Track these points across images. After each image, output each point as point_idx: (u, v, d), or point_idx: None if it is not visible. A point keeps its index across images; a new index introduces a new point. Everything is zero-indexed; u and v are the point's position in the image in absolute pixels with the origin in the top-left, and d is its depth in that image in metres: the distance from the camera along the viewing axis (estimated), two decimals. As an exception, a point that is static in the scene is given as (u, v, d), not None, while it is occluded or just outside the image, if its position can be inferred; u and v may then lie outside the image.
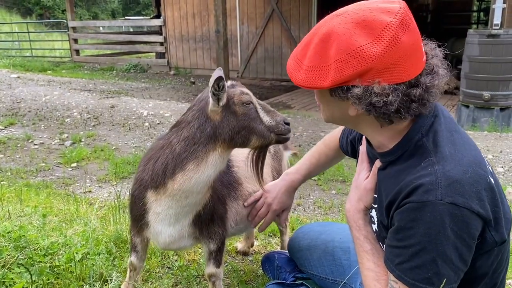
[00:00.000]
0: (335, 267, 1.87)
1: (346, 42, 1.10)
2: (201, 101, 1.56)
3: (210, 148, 1.53)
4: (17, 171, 4.60)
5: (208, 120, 1.53)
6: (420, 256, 1.14)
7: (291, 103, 8.93)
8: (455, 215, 1.10)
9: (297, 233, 2.15)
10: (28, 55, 16.14)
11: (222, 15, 8.27)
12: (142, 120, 6.75)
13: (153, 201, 1.62)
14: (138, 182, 1.67)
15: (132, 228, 1.80)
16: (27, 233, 2.24)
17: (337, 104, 1.23)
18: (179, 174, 1.53)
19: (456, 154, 1.17)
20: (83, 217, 2.93)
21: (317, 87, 1.16)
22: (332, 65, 1.12)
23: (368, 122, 1.25)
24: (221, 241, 1.81)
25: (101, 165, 4.87)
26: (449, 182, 1.11)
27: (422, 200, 1.12)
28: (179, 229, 1.68)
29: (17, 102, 7.60)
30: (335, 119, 1.32)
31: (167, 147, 1.57)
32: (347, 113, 1.23)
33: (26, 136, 5.82)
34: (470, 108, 6.70)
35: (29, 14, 27.81)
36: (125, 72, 13.07)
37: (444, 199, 1.10)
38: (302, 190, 4.28)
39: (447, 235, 1.11)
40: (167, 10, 12.87)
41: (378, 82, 1.11)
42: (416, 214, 1.13)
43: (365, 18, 1.10)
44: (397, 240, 1.19)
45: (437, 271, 1.13)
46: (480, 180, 1.15)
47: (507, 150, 5.32)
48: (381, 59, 1.08)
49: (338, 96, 1.17)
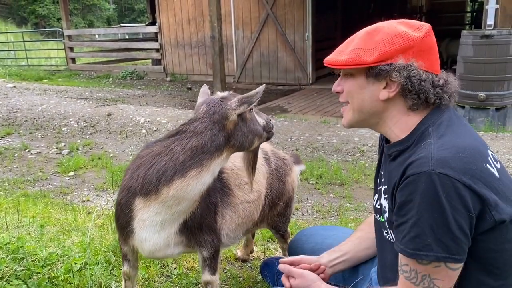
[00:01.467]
0: (341, 274, 1.86)
1: (392, 29, 1.33)
2: (213, 114, 1.59)
3: (216, 156, 1.58)
4: (15, 181, 4.59)
5: (222, 130, 1.59)
6: (418, 225, 1.19)
7: (288, 107, 8.94)
8: (447, 185, 1.16)
9: (300, 235, 2.14)
10: (24, 64, 16.13)
11: (217, 20, 8.30)
12: (139, 127, 6.75)
13: (140, 208, 1.59)
14: (125, 190, 1.63)
15: (120, 237, 1.78)
16: (25, 244, 2.24)
17: (370, 88, 1.35)
18: (178, 181, 1.52)
19: (455, 140, 1.26)
20: (81, 227, 2.93)
21: (362, 62, 1.31)
22: (377, 46, 1.31)
23: (396, 108, 1.37)
24: (214, 248, 1.78)
25: (98, 173, 4.86)
26: (441, 156, 1.20)
27: (417, 172, 1.20)
28: (164, 237, 1.65)
29: (14, 112, 7.59)
30: (364, 110, 1.40)
31: (166, 154, 1.55)
32: (378, 99, 1.35)
33: (23, 145, 5.81)
34: (465, 108, 6.73)
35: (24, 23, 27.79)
36: (122, 79, 13.08)
37: (436, 170, 1.17)
38: (300, 194, 4.28)
39: (442, 203, 1.16)
40: (162, 16, 12.89)
41: (416, 62, 1.31)
42: (413, 187, 1.21)
43: (404, 21, 1.38)
44: (399, 217, 1.26)
45: (436, 238, 1.18)
46: (476, 162, 1.21)
47: (504, 150, 5.34)
48: (421, 41, 1.31)
49: (378, 73, 1.31)
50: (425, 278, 1.22)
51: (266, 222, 2.20)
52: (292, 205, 2.30)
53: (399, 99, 1.34)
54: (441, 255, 1.18)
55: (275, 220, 2.21)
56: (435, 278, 1.22)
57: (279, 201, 2.16)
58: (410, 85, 1.30)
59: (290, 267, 1.66)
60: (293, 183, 2.23)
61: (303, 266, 1.69)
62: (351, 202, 4.11)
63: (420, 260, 1.22)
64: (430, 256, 1.19)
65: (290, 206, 2.27)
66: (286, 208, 2.23)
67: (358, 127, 1.53)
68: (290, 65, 11.30)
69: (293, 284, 1.61)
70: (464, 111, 6.74)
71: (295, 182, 2.25)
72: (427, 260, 1.20)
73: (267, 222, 2.19)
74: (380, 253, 1.54)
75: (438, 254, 1.18)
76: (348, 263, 1.74)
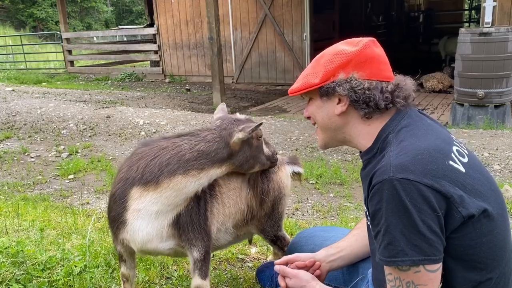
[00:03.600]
0: (340, 273, 1.86)
1: (333, 49, 1.45)
2: (224, 130, 1.76)
3: (217, 166, 1.72)
4: (14, 185, 4.58)
5: (227, 147, 1.73)
6: (389, 232, 1.21)
7: (287, 107, 8.94)
8: (410, 188, 1.19)
9: (299, 237, 2.14)
10: (23, 67, 16.13)
11: (215, 21, 8.30)
12: (138, 129, 6.75)
13: (136, 198, 1.62)
14: (122, 181, 1.67)
15: (111, 233, 1.79)
16: (25, 248, 2.23)
17: (326, 106, 1.45)
18: (179, 176, 1.62)
19: (415, 143, 1.29)
20: (81, 230, 2.92)
21: (310, 85, 1.43)
22: (322, 68, 1.42)
23: (353, 120, 1.44)
24: (205, 248, 1.77)
25: (98, 176, 4.86)
26: (400, 162, 1.23)
27: (379, 180, 1.24)
28: (157, 228, 1.67)
29: (13, 116, 7.59)
30: (328, 127, 1.49)
31: (173, 149, 1.66)
32: (334, 115, 1.44)
33: (23, 149, 5.81)
34: (464, 106, 6.73)
35: (22, 27, 27.79)
36: (120, 81, 13.07)
37: (396, 176, 1.20)
38: (300, 194, 4.28)
39: (407, 207, 1.18)
40: (160, 18, 12.89)
41: (356, 74, 1.39)
42: (378, 196, 1.24)
43: (347, 40, 1.49)
44: (374, 227, 1.29)
45: (408, 242, 1.19)
46: (436, 162, 1.23)
47: (503, 147, 5.34)
48: (359, 54, 1.39)
49: (327, 92, 1.42)
50: (410, 285, 1.23)
51: (256, 224, 2.07)
52: (280, 208, 2.12)
53: (353, 111, 1.42)
54: (417, 258, 1.19)
55: (262, 222, 2.07)
56: (419, 284, 1.22)
57: (264, 196, 2.04)
58: (356, 96, 1.38)
59: (284, 268, 1.67)
60: (280, 182, 2.09)
61: (298, 264, 1.70)
62: (351, 201, 4.11)
63: (399, 267, 1.22)
64: (406, 261, 1.20)
65: (277, 208, 2.10)
66: (273, 209, 2.08)
67: (333, 146, 1.59)
68: (289, 65, 11.30)
69: (288, 284, 1.62)
70: (463, 109, 6.74)
71: (284, 183, 2.11)
72: (406, 266, 1.21)
73: (256, 224, 2.07)
74: (372, 255, 1.54)
75: (414, 258, 1.19)
76: (344, 260, 1.75)
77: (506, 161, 4.89)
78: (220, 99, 8.55)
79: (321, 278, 1.70)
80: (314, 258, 1.72)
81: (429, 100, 8.71)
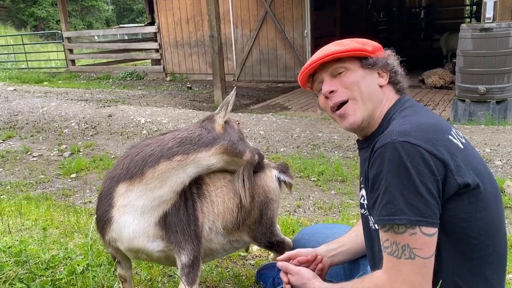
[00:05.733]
0: (342, 269, 1.87)
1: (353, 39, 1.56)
2: (204, 120, 1.81)
3: (204, 150, 1.70)
4: (17, 184, 4.60)
5: (211, 131, 1.74)
6: (389, 191, 1.24)
7: (288, 104, 8.94)
8: (411, 151, 1.23)
9: (302, 234, 2.14)
10: (24, 67, 16.16)
11: (216, 19, 8.29)
12: (140, 128, 6.76)
13: (123, 193, 1.60)
14: (109, 180, 1.66)
15: (100, 238, 1.75)
16: (28, 247, 2.25)
17: (370, 77, 1.48)
18: (163, 163, 1.61)
19: (418, 117, 1.37)
20: (83, 229, 2.94)
21: (364, 50, 1.48)
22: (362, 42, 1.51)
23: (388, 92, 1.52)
24: (194, 253, 1.69)
25: (100, 174, 4.87)
26: (402, 129, 1.29)
27: (382, 144, 1.28)
28: (143, 226, 1.62)
29: (15, 115, 7.61)
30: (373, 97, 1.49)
31: (156, 143, 1.67)
32: (378, 86, 1.50)
33: (25, 148, 5.83)
34: (466, 102, 6.71)
35: (23, 26, 27.81)
36: (122, 80, 13.09)
37: (398, 139, 1.25)
38: (301, 192, 4.29)
39: (408, 168, 1.22)
40: (161, 16, 12.89)
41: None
42: (380, 158, 1.28)
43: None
44: (374, 192, 1.30)
45: (406, 202, 1.22)
46: (437, 132, 1.29)
47: (505, 143, 5.33)
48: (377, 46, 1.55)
49: (374, 63, 1.48)
50: (405, 249, 1.24)
51: (247, 231, 1.99)
52: (269, 213, 2.00)
53: (388, 86, 1.52)
54: (414, 218, 1.21)
55: (253, 229, 1.98)
56: (414, 247, 1.23)
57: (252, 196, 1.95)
58: (393, 72, 1.51)
59: (287, 264, 1.68)
60: (265, 186, 1.98)
61: (300, 259, 1.72)
62: (352, 198, 4.11)
63: (395, 226, 1.24)
64: (403, 220, 1.22)
65: (266, 213, 1.99)
66: (261, 215, 1.97)
67: (364, 125, 1.50)
68: (290, 62, 11.29)
69: (290, 280, 1.64)
70: (464, 105, 6.73)
71: (270, 186, 1.99)
72: (402, 226, 1.23)
73: (247, 231, 1.98)
74: (369, 247, 1.56)
75: (411, 217, 1.21)
76: (346, 255, 1.77)
77: (508, 157, 4.89)
78: (221, 97, 8.55)
79: (323, 272, 1.72)
80: (315, 252, 1.74)
81: (431, 96, 8.69)
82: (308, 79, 1.58)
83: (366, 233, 1.56)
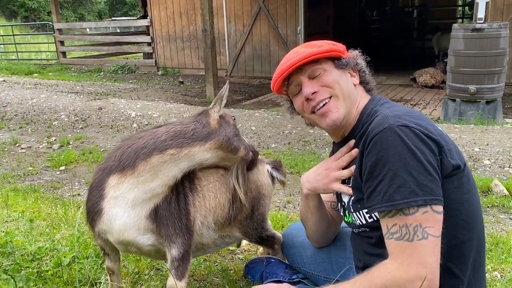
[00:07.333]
0: (329, 264, 1.87)
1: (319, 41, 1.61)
2: (199, 115, 1.78)
3: (199, 144, 1.66)
4: (4, 176, 4.55)
5: (206, 126, 1.70)
6: (398, 175, 1.24)
7: (280, 100, 8.92)
8: (410, 133, 1.26)
9: (290, 229, 2.15)
10: (14, 58, 15.97)
11: (209, 13, 8.25)
12: (130, 122, 6.71)
13: (114, 185, 1.58)
14: (100, 171, 1.64)
15: (89, 229, 1.73)
16: (14, 239, 2.23)
17: (344, 76, 1.52)
18: (156, 156, 1.58)
19: (400, 107, 1.44)
20: (71, 221, 2.91)
21: (337, 51, 1.52)
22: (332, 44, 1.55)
23: (361, 92, 1.57)
24: (184, 247, 1.68)
25: (89, 167, 4.83)
26: (396, 114, 1.33)
27: (379, 130, 1.29)
28: (134, 218, 1.60)
29: (3, 106, 7.52)
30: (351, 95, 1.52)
31: (149, 135, 1.64)
32: (353, 85, 1.54)
33: (13, 140, 5.76)
34: (456, 101, 6.77)
35: (14, 17, 27.47)
36: (113, 73, 12.99)
37: (396, 123, 1.28)
38: (291, 187, 4.29)
39: (412, 150, 1.24)
40: (154, 10, 12.80)
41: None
42: (380, 144, 1.28)
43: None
44: (373, 179, 1.29)
45: (418, 183, 1.22)
46: (425, 118, 1.35)
47: (494, 143, 5.38)
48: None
49: (346, 63, 1.52)
50: (418, 229, 1.23)
51: (238, 227, 1.98)
52: (261, 209, 2.00)
53: (359, 86, 1.57)
54: (428, 198, 1.22)
55: (244, 225, 1.99)
56: (427, 226, 1.23)
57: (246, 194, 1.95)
58: (362, 73, 1.58)
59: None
60: (257, 181, 1.98)
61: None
62: (342, 195, 4.12)
63: (405, 212, 1.23)
64: (418, 201, 1.22)
65: (258, 209, 1.99)
66: (253, 211, 1.97)
67: (345, 121, 1.52)
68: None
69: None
70: (454, 104, 6.78)
71: (262, 181, 1.99)
72: (416, 207, 1.22)
73: (238, 226, 1.98)
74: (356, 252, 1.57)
75: (425, 197, 1.22)
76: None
77: (496, 156, 4.93)
78: (213, 92, 8.52)
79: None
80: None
81: (421, 95, 8.74)
82: (283, 83, 1.60)
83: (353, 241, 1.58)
